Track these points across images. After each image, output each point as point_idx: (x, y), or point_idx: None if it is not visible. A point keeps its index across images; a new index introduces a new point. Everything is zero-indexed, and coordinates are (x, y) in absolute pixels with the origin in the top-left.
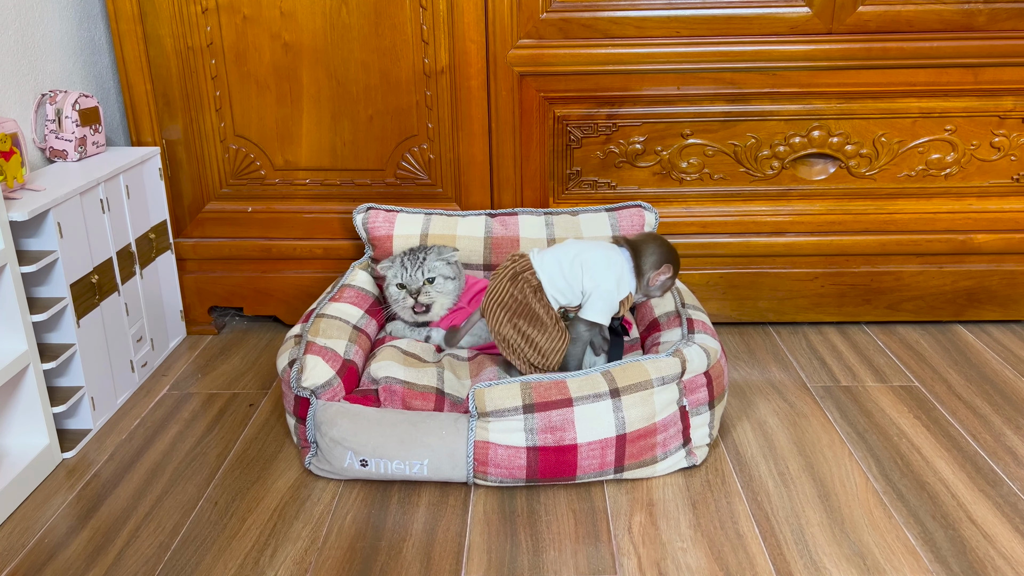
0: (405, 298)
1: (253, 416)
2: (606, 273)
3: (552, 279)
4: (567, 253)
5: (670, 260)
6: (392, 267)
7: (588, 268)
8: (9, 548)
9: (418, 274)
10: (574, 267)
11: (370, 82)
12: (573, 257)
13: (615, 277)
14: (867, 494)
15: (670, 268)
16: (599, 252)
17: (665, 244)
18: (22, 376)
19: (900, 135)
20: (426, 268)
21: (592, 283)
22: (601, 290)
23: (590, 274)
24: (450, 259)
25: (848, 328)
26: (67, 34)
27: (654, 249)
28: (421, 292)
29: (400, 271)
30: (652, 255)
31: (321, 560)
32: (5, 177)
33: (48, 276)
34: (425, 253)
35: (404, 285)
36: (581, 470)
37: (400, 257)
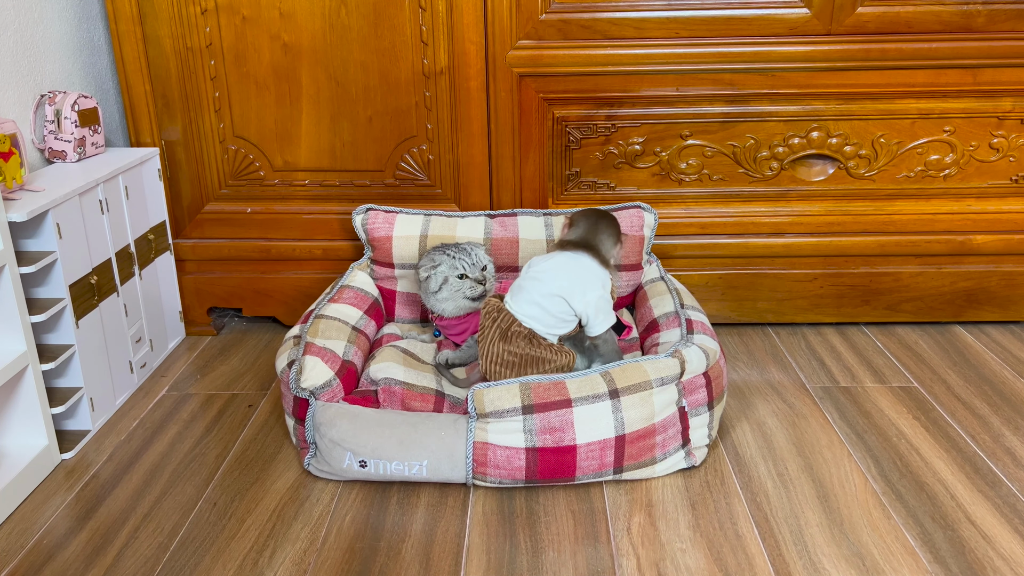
0: (473, 287)
1: (252, 417)
2: (588, 288)
3: (542, 321)
4: (540, 291)
5: (618, 235)
6: (439, 264)
7: (570, 295)
8: (8, 549)
9: (477, 261)
10: (555, 301)
11: (369, 83)
12: (549, 294)
13: (597, 283)
14: (866, 495)
15: (620, 241)
16: (569, 275)
17: (604, 220)
18: (21, 377)
19: (899, 136)
20: (477, 256)
21: (583, 304)
22: (594, 304)
23: (577, 299)
24: (486, 250)
25: (847, 329)
26: (66, 35)
27: (605, 236)
28: (487, 279)
29: (457, 263)
30: (606, 242)
31: (320, 561)
32: (4, 178)
33: (47, 277)
34: (467, 246)
35: (467, 275)
36: (580, 471)
37: (440, 252)
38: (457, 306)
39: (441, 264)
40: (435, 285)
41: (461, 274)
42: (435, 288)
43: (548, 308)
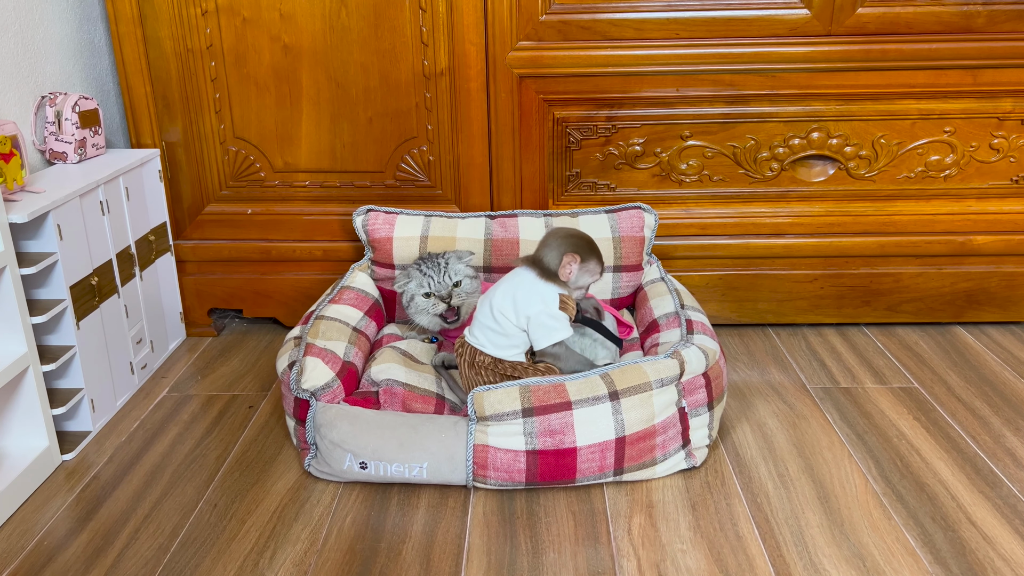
0: (436, 304)
1: (252, 418)
2: (525, 302)
3: (495, 343)
4: (485, 312)
5: (570, 248)
6: (411, 280)
7: (507, 310)
8: (8, 550)
9: (445, 279)
10: (498, 319)
11: (369, 84)
12: (491, 311)
13: (535, 298)
14: (867, 496)
15: (575, 256)
16: (503, 289)
17: (560, 236)
18: (22, 378)
19: (899, 137)
20: (451, 272)
21: (522, 318)
22: (532, 318)
23: (513, 313)
24: (469, 261)
25: (847, 330)
26: (67, 36)
27: (549, 249)
28: (452, 296)
29: (425, 280)
30: (549, 255)
31: (320, 562)
32: (5, 179)
33: (48, 278)
34: (444, 259)
35: (433, 292)
36: (581, 473)
37: (416, 268)
38: (430, 321)
39: (411, 280)
40: (405, 300)
41: (427, 292)
42: (405, 303)
43: (494, 328)
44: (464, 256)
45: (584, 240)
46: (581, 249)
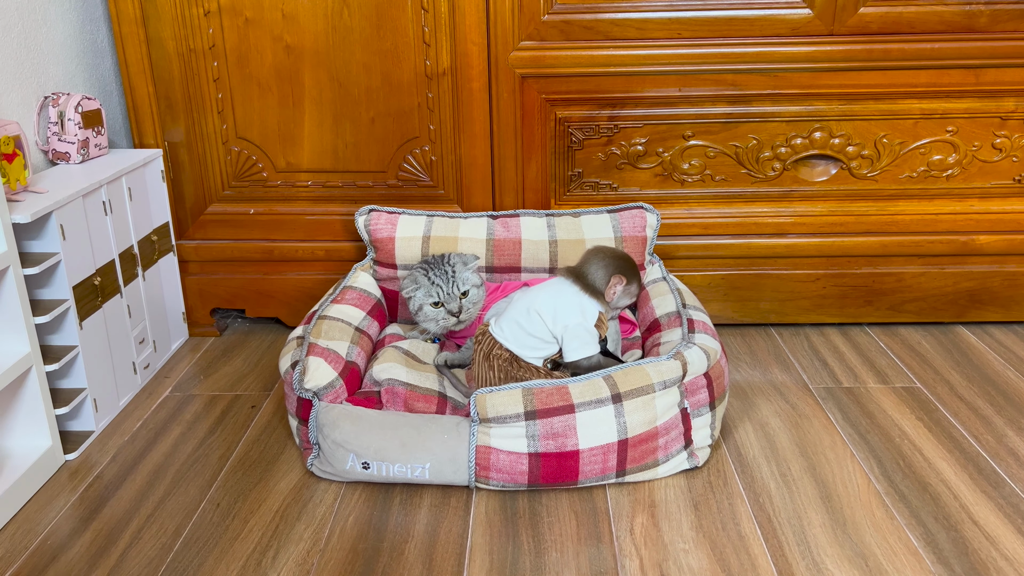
0: (446, 318)
1: (255, 418)
2: (565, 311)
3: (520, 342)
4: (520, 309)
5: (618, 271)
6: (419, 287)
7: (546, 314)
8: (12, 550)
9: (454, 290)
10: (532, 319)
11: (372, 84)
12: (527, 310)
13: (576, 309)
14: (869, 495)
15: (621, 278)
16: (547, 294)
17: (608, 255)
18: (25, 378)
19: (901, 136)
20: (459, 281)
21: (559, 326)
22: (570, 328)
23: (551, 318)
24: (475, 267)
25: (850, 329)
26: (70, 37)
27: (597, 267)
28: (462, 309)
29: (434, 290)
30: (596, 272)
31: (323, 562)
32: (8, 179)
33: (50, 278)
34: (450, 265)
35: (442, 303)
36: (583, 475)
37: (423, 273)
38: (439, 327)
39: (420, 288)
40: (412, 308)
41: (436, 302)
42: (413, 311)
43: (525, 327)
44: (470, 261)
45: (630, 263)
46: (628, 272)
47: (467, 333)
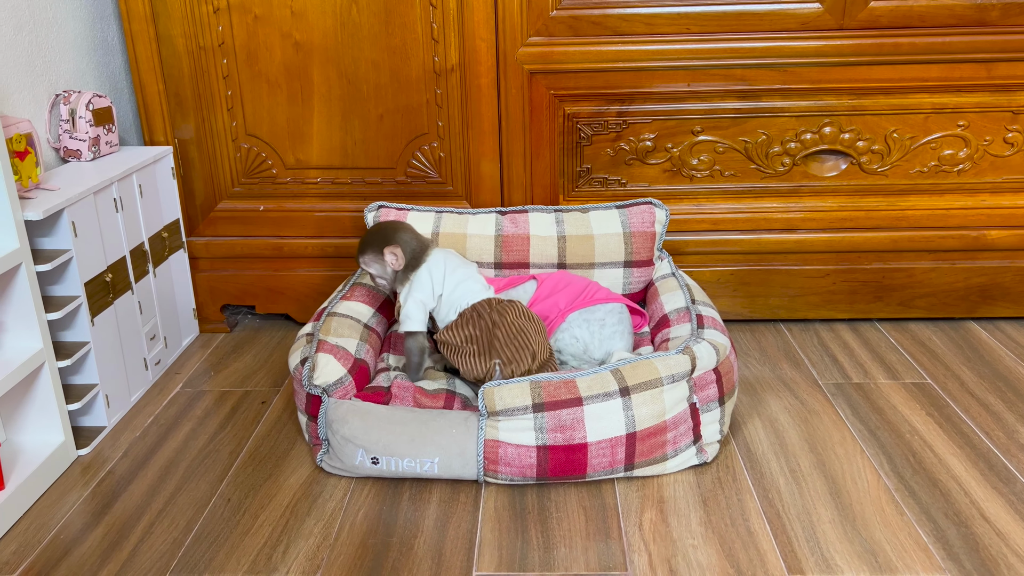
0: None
1: (265, 413)
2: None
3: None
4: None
5: (366, 246)
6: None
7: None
8: (25, 544)
9: None
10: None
11: (380, 81)
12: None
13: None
14: (879, 491)
15: (371, 252)
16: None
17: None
18: (37, 374)
19: (912, 131)
20: None
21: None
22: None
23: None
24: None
25: (860, 325)
26: (80, 35)
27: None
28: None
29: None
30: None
31: (333, 556)
32: (20, 177)
33: (63, 275)
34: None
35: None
36: (591, 468)
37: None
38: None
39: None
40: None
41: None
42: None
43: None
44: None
45: (374, 237)
46: (373, 246)
47: None
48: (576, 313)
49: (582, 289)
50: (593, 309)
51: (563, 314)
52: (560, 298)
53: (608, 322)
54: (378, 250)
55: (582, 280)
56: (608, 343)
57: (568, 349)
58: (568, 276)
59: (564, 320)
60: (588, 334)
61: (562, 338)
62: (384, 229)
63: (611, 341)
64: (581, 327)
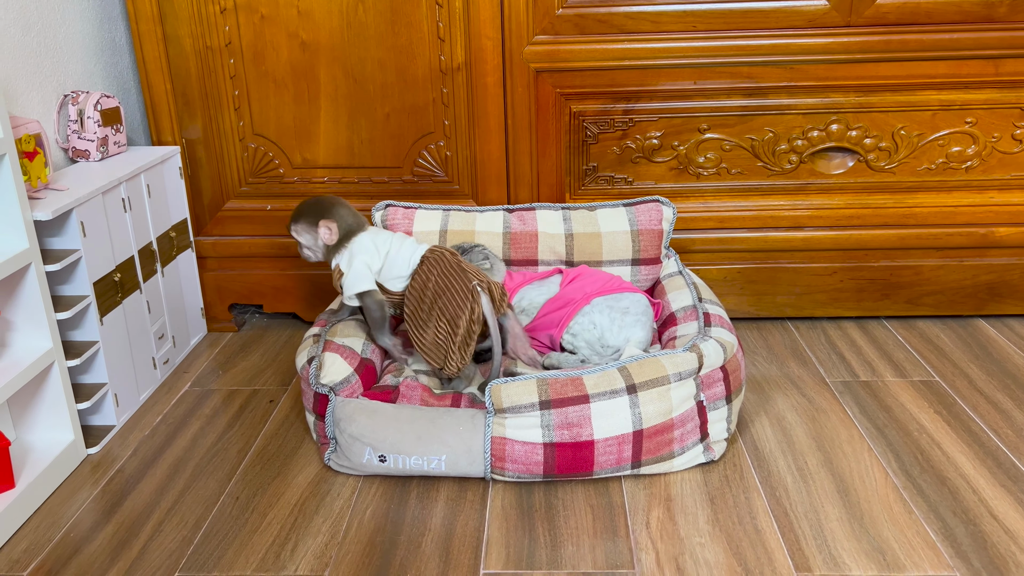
0: None
1: (273, 412)
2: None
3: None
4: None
5: (301, 216)
6: None
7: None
8: (36, 542)
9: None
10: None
11: (387, 80)
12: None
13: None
14: (887, 489)
15: (304, 222)
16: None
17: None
18: (47, 373)
19: (920, 128)
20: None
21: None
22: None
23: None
24: (485, 264)
25: (867, 323)
26: (88, 35)
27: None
28: None
29: None
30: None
31: (341, 554)
32: (29, 177)
33: (72, 275)
34: (468, 260)
35: None
36: (598, 466)
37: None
38: None
39: None
40: None
41: None
42: None
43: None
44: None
45: (303, 210)
46: (306, 217)
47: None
48: (601, 298)
49: (609, 279)
50: (619, 297)
51: (588, 297)
52: (586, 283)
53: (632, 311)
54: (313, 222)
55: (607, 273)
56: (628, 331)
57: (583, 334)
58: (593, 269)
59: (588, 303)
60: (608, 320)
61: (581, 322)
62: (322, 202)
63: (632, 330)
64: (603, 313)
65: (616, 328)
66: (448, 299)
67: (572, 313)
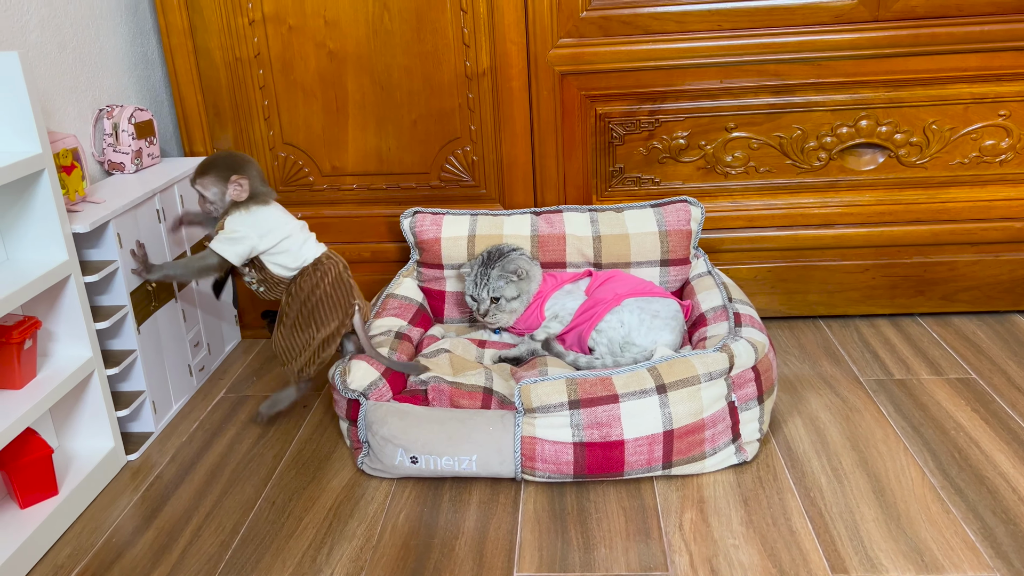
0: (476, 309)
1: (307, 418)
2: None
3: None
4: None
5: (211, 167)
6: (470, 274)
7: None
8: (79, 548)
9: (483, 292)
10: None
11: (413, 87)
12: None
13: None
14: (924, 489)
15: (215, 174)
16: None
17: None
18: (88, 382)
19: (952, 122)
20: (490, 287)
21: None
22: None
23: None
24: (512, 276)
25: (901, 320)
26: (122, 50)
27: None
28: (488, 313)
29: (471, 284)
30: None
31: (376, 558)
32: (67, 191)
33: (109, 285)
34: (493, 267)
35: (474, 298)
36: (628, 466)
37: (478, 264)
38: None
39: (469, 276)
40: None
41: (471, 296)
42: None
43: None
44: (511, 263)
45: (206, 164)
46: (211, 171)
47: (524, 328)
48: (632, 300)
49: (639, 282)
50: (651, 300)
51: (619, 298)
52: (618, 285)
53: (662, 315)
54: (225, 176)
55: (638, 278)
56: (656, 334)
57: (607, 332)
58: (625, 273)
59: (619, 303)
60: (638, 321)
61: (609, 320)
62: (236, 156)
63: (660, 332)
64: (633, 313)
65: (644, 329)
66: (327, 308)
67: (603, 313)
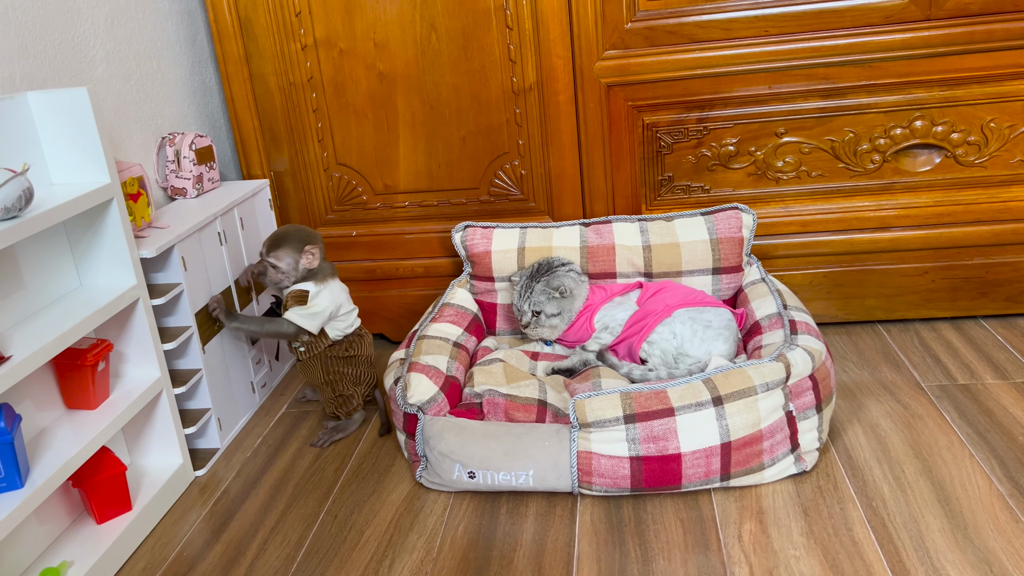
0: (520, 319)
1: (366, 432)
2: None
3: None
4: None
5: (284, 240)
6: (518, 283)
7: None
8: (152, 562)
9: (525, 305)
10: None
11: (461, 104)
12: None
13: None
14: (991, 497)
15: (289, 246)
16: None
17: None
18: (157, 401)
19: (1011, 119)
20: (533, 301)
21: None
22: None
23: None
24: (554, 293)
25: (963, 323)
26: (181, 80)
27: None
28: (530, 325)
29: (516, 295)
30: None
31: (436, 570)
32: (134, 217)
33: (175, 307)
34: (539, 280)
35: (519, 309)
36: (686, 479)
37: (526, 275)
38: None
39: (517, 286)
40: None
41: (516, 307)
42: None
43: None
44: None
45: (293, 236)
46: (274, 247)
47: (574, 340)
48: (684, 310)
49: (691, 292)
50: (702, 310)
51: (670, 309)
52: (669, 296)
53: (715, 325)
54: (298, 247)
55: (689, 288)
56: (710, 344)
57: (660, 343)
58: (676, 284)
59: (670, 315)
60: (690, 332)
61: (661, 332)
62: (304, 230)
63: (714, 343)
64: (685, 324)
65: (698, 340)
66: (359, 371)
67: (654, 324)
